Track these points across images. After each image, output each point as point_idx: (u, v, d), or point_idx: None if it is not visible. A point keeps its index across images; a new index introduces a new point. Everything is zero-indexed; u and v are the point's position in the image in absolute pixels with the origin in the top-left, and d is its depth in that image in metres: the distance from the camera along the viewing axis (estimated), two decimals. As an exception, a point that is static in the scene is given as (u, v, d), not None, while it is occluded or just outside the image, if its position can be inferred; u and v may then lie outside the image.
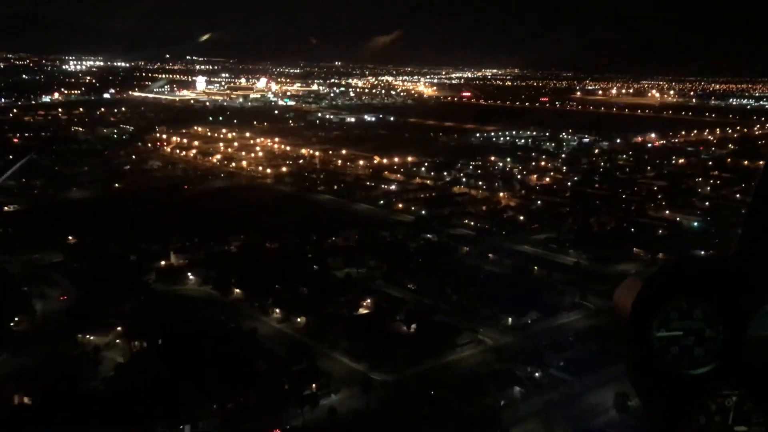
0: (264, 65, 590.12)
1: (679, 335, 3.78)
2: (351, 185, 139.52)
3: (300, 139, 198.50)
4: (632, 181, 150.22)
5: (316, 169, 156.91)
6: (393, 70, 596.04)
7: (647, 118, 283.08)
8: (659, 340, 3.78)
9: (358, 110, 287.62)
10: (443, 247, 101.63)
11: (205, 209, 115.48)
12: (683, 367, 3.77)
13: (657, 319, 3.78)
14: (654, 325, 3.78)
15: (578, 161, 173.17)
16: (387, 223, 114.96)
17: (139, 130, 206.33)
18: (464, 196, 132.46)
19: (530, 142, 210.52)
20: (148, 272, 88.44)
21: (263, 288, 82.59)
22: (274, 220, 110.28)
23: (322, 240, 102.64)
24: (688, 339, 3.78)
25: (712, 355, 3.77)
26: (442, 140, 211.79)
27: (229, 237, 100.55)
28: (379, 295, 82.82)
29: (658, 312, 3.78)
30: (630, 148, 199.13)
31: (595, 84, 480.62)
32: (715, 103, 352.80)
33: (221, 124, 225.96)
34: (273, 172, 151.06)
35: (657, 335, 3.78)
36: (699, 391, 3.73)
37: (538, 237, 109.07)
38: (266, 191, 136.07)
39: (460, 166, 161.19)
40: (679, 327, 3.79)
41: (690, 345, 3.78)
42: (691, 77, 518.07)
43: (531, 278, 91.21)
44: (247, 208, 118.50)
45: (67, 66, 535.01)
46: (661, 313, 3.78)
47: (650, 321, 3.78)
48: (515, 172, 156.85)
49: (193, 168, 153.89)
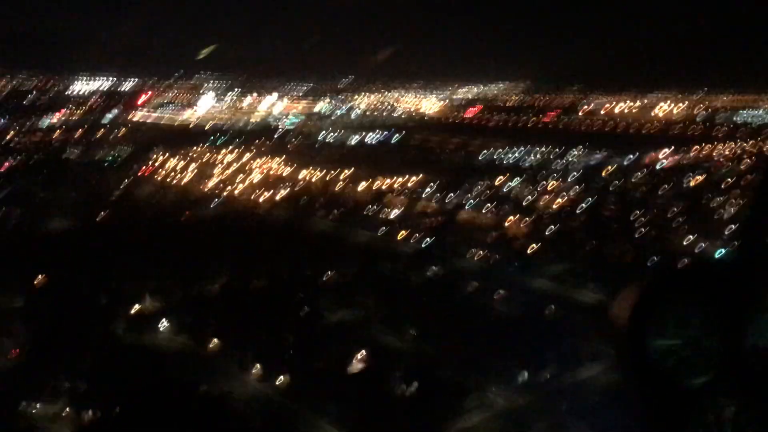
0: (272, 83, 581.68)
1: (676, 345, 3.69)
2: (351, 210, 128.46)
3: (301, 159, 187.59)
4: (650, 203, 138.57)
5: (315, 192, 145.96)
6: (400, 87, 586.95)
7: (658, 133, 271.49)
8: (656, 350, 3.67)
9: (363, 128, 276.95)
10: (449, 282, 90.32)
11: (193, 241, 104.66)
12: (681, 377, 3.67)
13: (654, 327, 3.68)
14: (651, 333, 3.68)
15: (591, 180, 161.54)
16: (388, 253, 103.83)
17: (136, 152, 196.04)
18: (471, 222, 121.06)
19: (540, 159, 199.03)
20: (117, 319, 77.51)
21: (244, 338, 71.62)
22: (266, 251, 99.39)
23: (316, 276, 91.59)
24: (686, 349, 3.69)
25: (709, 365, 3.67)
26: (448, 158, 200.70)
27: (214, 274, 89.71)
28: (377, 344, 71.64)
29: (655, 320, 3.68)
30: (643, 165, 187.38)
31: (601, 98, 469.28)
32: (727, 116, 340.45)
33: (223, 144, 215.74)
34: (269, 197, 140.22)
35: (654, 344, 3.67)
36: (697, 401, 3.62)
37: (554, 269, 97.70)
38: (260, 218, 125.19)
39: (467, 186, 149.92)
40: (676, 336, 3.70)
41: (688, 354, 3.69)
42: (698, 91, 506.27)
43: (548, 320, 79.85)
44: (237, 238, 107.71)
45: (75, 85, 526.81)
46: (658, 321, 3.68)
47: (647, 329, 3.68)
48: (525, 194, 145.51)
49: (185, 193, 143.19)
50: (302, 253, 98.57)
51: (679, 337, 3.72)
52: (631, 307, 3.72)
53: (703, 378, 3.68)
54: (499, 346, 70.64)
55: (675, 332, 3.71)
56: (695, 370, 3.69)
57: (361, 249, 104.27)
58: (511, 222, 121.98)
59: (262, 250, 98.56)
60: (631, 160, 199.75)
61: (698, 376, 3.69)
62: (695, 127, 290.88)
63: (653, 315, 3.68)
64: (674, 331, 3.71)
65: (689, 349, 3.71)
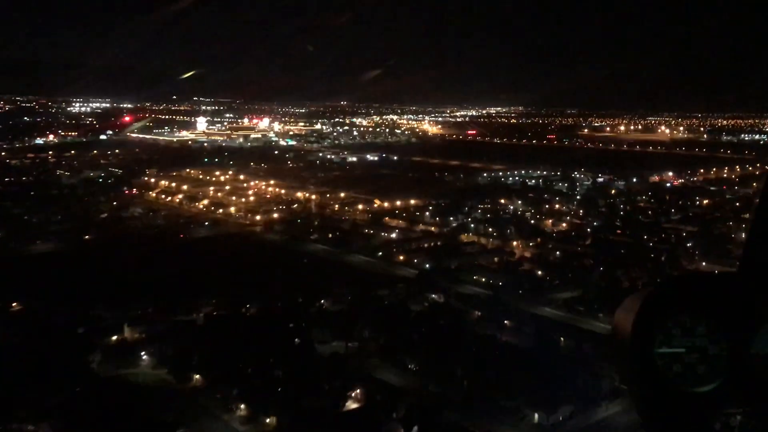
0: (270, 105, 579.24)
1: (681, 352, 3.65)
2: (347, 233, 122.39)
3: (297, 181, 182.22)
4: (658, 227, 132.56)
5: (310, 214, 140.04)
6: (398, 109, 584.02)
7: (661, 156, 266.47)
8: (661, 357, 3.63)
9: (361, 149, 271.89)
10: (451, 311, 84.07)
11: (180, 265, 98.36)
12: (686, 385, 3.62)
13: (659, 334, 3.64)
14: (656, 341, 3.64)
15: (595, 203, 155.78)
16: (386, 279, 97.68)
17: (127, 173, 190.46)
18: (473, 246, 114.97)
19: (541, 182, 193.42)
20: (94, 350, 71.07)
21: (229, 373, 65.27)
22: (256, 277, 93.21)
23: (309, 303, 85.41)
24: (691, 356, 3.65)
25: (715, 373, 3.63)
26: (447, 181, 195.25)
27: (200, 302, 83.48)
28: (373, 381, 65.31)
29: (660, 327, 3.65)
30: (648, 187, 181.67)
31: (601, 121, 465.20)
32: (727, 138, 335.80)
33: (217, 165, 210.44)
34: (263, 219, 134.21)
35: (659, 352, 3.63)
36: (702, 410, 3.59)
37: (561, 296, 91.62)
38: (253, 241, 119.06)
39: (468, 209, 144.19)
40: (681, 344, 3.66)
41: (693, 362, 3.64)
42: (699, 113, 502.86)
43: (558, 354, 73.45)
44: (227, 262, 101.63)
45: (72, 108, 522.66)
46: (663, 328, 3.65)
47: (652, 337, 3.63)
48: (528, 217, 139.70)
49: (176, 215, 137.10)
50: (293, 280, 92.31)
51: (684, 344, 3.60)
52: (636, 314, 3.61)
53: (709, 386, 3.56)
54: (507, 383, 64.45)
55: (680, 340, 3.60)
56: (701, 377, 3.57)
57: (357, 275, 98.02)
58: (517, 245, 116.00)
59: (250, 277, 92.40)
60: (635, 180, 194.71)
61: (704, 383, 3.57)
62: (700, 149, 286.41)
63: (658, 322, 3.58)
64: (679, 338, 3.60)
65: (695, 357, 3.60)
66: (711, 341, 3.66)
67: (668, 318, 3.68)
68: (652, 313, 3.67)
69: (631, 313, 3.71)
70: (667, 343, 3.65)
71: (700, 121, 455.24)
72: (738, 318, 3.66)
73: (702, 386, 3.63)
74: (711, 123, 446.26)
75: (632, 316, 3.69)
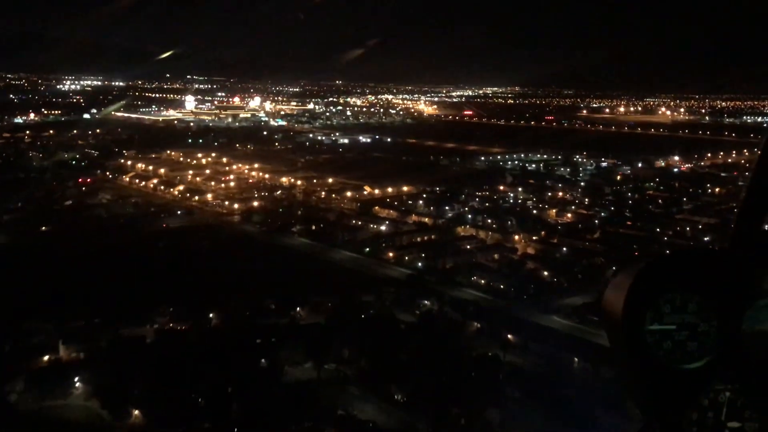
0: (264, 84, 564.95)
1: (671, 329, 3.60)
2: (333, 225, 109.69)
3: (283, 164, 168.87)
4: (671, 217, 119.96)
5: (294, 202, 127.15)
6: (393, 88, 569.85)
7: (664, 138, 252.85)
8: (651, 334, 3.58)
9: (354, 130, 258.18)
10: (446, 322, 71.55)
11: (140, 263, 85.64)
12: (676, 362, 3.58)
13: (650, 312, 3.58)
14: (646, 318, 3.58)
15: (601, 191, 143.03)
16: (373, 280, 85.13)
17: (104, 155, 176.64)
18: (471, 241, 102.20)
19: (542, 166, 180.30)
20: (17, 376, 58.43)
21: (176, 407, 52.83)
22: (225, 279, 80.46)
23: (281, 312, 72.88)
24: (681, 333, 3.60)
25: (705, 350, 3.60)
26: (443, 165, 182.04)
27: (154, 310, 70.90)
28: (349, 419, 52.87)
29: (651, 304, 3.58)
30: (655, 173, 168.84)
31: (598, 101, 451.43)
32: (730, 120, 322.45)
33: (200, 146, 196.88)
34: (242, 207, 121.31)
35: (649, 329, 3.58)
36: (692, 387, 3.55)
37: (571, 302, 79.26)
38: (227, 234, 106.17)
39: (465, 197, 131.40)
40: (671, 321, 3.61)
41: (683, 339, 3.61)
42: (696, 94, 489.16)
43: (572, 378, 61.18)
44: (194, 260, 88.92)
45: (62, 85, 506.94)
46: (653, 305, 3.58)
47: (642, 314, 3.57)
48: (530, 206, 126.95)
49: (147, 203, 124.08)
50: (267, 283, 79.75)
51: (674, 321, 3.56)
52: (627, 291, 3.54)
53: (699, 363, 3.55)
54: (512, 421, 52.32)
55: (671, 317, 3.56)
56: (690, 354, 3.56)
57: (340, 276, 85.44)
58: (519, 240, 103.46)
59: (217, 278, 79.71)
60: (641, 165, 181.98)
61: (694, 360, 3.56)
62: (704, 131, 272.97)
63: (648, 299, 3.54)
64: (670, 315, 3.56)
65: (685, 334, 3.57)
66: (701, 318, 3.60)
67: (659, 295, 3.58)
68: (643, 291, 3.57)
69: (621, 290, 3.60)
70: (657, 320, 3.57)
71: (698, 103, 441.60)
72: (729, 295, 3.59)
73: (691, 363, 3.57)
74: (710, 104, 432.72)
75: (623, 292, 3.58)
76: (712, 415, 3.52)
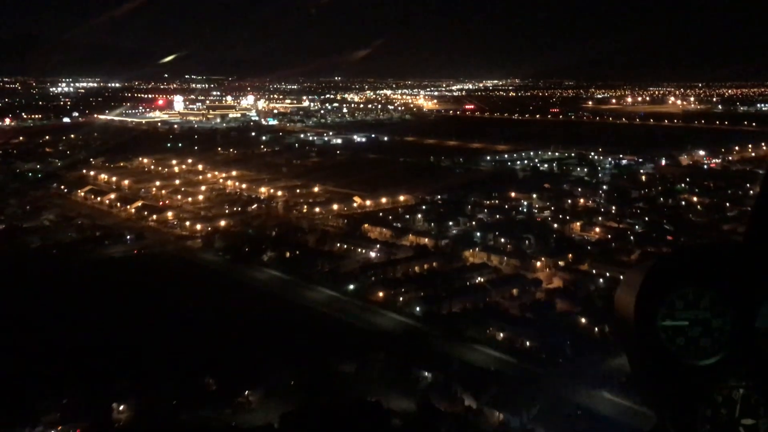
0: (263, 82, 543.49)
1: (684, 325, 3.47)
2: (312, 252, 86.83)
3: (266, 170, 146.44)
4: (717, 229, 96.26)
5: (269, 219, 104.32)
6: (393, 84, 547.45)
7: (681, 130, 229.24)
8: (664, 330, 3.46)
9: (349, 129, 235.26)
10: (456, 414, 48.66)
11: (39, 321, 62.79)
12: (689, 358, 3.46)
13: (662, 307, 3.46)
14: (659, 314, 3.46)
15: (628, 195, 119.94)
16: (356, 337, 62.47)
17: (68, 164, 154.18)
18: (483, 271, 79.02)
19: (555, 166, 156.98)
20: None
21: None
22: (154, 341, 57.97)
23: (223, 397, 50.24)
24: (694, 329, 3.48)
25: (718, 346, 3.47)
26: (444, 167, 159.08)
27: (39, 403, 48.24)
28: None
29: (663, 300, 3.46)
30: (683, 171, 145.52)
31: (601, 92, 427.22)
32: (744, 109, 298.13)
33: (178, 151, 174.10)
34: (205, 228, 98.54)
35: (662, 325, 3.46)
36: (705, 383, 3.45)
37: (621, 364, 56.19)
38: (179, 265, 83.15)
39: (471, 208, 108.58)
40: (684, 317, 3.48)
41: (696, 335, 3.47)
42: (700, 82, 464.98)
43: None
44: (120, 311, 65.89)
45: (56, 88, 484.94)
46: (666, 301, 3.46)
47: (655, 310, 3.45)
48: (549, 218, 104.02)
49: (93, 225, 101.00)
50: (214, 345, 57.16)
51: (687, 317, 3.43)
52: (640, 287, 3.42)
53: (712, 359, 3.41)
54: None
55: (684, 312, 3.43)
56: (704, 351, 3.41)
57: (313, 330, 62.61)
58: (542, 267, 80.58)
59: (145, 341, 57.11)
60: (665, 162, 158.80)
61: (707, 357, 3.41)
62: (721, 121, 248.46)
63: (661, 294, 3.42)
64: (683, 311, 3.43)
65: (698, 330, 3.43)
66: (715, 314, 3.46)
67: (672, 291, 3.45)
68: (656, 286, 3.44)
69: (634, 286, 3.47)
70: (670, 316, 3.45)
71: (705, 91, 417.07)
72: (743, 290, 3.44)
73: (705, 359, 3.44)
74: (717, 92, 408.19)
75: (636, 288, 3.46)
76: (725, 411, 3.37)
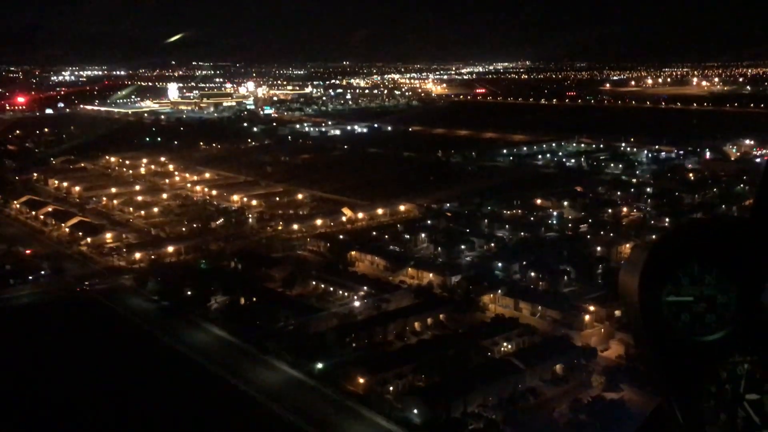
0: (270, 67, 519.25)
1: (689, 301, 3.35)
2: (275, 296, 62.48)
3: (247, 170, 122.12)
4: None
5: (232, 243, 79.72)
6: (401, 68, 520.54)
7: (712, 114, 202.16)
8: (669, 306, 3.34)
9: (350, 117, 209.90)
10: None
11: None
12: (694, 334, 3.35)
13: (668, 283, 3.33)
14: (664, 290, 3.33)
15: (680, 202, 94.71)
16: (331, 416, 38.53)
17: (24, 165, 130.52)
18: (509, 331, 54.23)
19: (584, 161, 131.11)
20: None
21: None
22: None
23: None
24: (700, 305, 3.35)
25: (723, 322, 3.35)
26: (453, 163, 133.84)
27: None
28: None
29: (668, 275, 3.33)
30: (735, 167, 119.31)
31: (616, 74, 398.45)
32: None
33: (155, 147, 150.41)
34: (147, 257, 74.28)
35: (667, 300, 3.33)
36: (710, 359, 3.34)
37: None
38: (94, 319, 59.17)
39: (488, 223, 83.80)
40: (689, 292, 3.36)
41: (701, 311, 3.35)
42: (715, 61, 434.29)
43: None
44: None
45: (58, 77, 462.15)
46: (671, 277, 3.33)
47: (660, 285, 3.32)
48: (588, 235, 78.99)
49: (7, 253, 76.89)
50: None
51: (692, 293, 3.31)
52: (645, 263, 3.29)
53: (717, 335, 3.29)
54: None
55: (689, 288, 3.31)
56: (709, 326, 3.29)
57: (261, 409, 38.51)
58: (591, 322, 55.79)
59: None
60: (710, 155, 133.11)
61: (712, 332, 3.29)
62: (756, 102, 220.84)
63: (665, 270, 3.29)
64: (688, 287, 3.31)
65: (703, 306, 3.31)
66: (720, 290, 3.34)
67: (676, 266, 3.31)
68: (660, 262, 3.31)
69: (639, 262, 3.34)
70: (675, 292, 3.32)
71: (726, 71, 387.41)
72: (748, 266, 3.33)
73: (710, 335, 3.32)
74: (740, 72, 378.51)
75: (641, 264, 3.32)
76: (730, 387, 3.26)
